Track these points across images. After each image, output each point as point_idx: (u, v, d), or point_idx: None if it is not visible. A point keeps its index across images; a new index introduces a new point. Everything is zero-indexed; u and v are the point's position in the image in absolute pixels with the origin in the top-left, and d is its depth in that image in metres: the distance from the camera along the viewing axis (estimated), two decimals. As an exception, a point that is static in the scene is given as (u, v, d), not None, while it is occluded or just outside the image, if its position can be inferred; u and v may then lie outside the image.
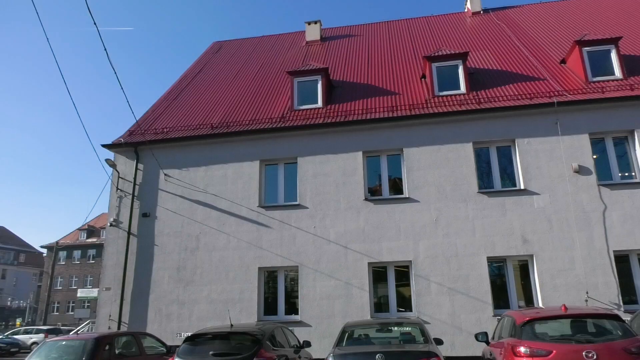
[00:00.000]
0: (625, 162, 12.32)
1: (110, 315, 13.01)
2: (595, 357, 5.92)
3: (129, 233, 13.55)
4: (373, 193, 13.17)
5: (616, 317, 6.70)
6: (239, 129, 14.24)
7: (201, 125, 14.94)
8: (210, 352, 7.12)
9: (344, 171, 13.15)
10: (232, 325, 8.08)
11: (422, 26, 21.20)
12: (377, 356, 6.61)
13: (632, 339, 6.19)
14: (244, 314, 12.45)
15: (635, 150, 12.18)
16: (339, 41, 20.94)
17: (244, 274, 12.79)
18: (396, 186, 13.15)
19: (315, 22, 21.89)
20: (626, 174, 12.22)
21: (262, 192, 13.56)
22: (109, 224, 13.87)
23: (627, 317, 9.60)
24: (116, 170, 14.14)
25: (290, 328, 10.50)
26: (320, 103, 14.71)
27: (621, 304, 11.03)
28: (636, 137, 12.13)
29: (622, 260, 11.52)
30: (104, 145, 14.48)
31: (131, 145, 14.29)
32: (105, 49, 8.12)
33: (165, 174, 13.98)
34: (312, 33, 21.73)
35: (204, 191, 13.67)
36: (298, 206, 13.10)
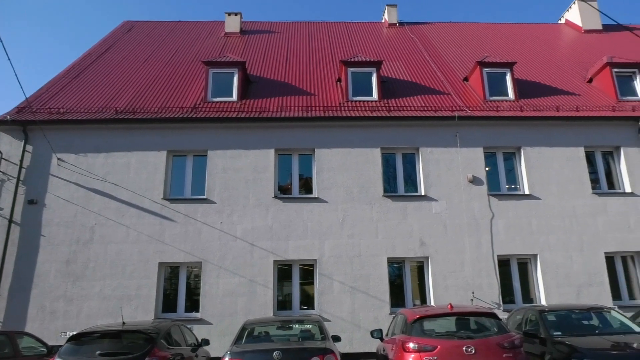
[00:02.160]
0: (512, 175, 13.62)
1: (-19, 313, 11.61)
2: (473, 351, 6.48)
3: (10, 221, 12.19)
4: (283, 191, 13.20)
5: (493, 315, 7.40)
6: (147, 116, 13.47)
7: (104, 108, 13.90)
8: (97, 352, 6.62)
9: (255, 167, 13.02)
10: (124, 322, 7.62)
11: (341, 31, 21.71)
12: (274, 353, 6.62)
13: (505, 335, 6.88)
14: (140, 311, 11.80)
15: (521, 165, 13.51)
16: (258, 36, 20.71)
17: (142, 269, 12.12)
18: (306, 185, 13.31)
19: (236, 14, 21.45)
20: (512, 186, 13.52)
21: (167, 184, 12.97)
22: (-14, 210, 12.37)
23: (505, 315, 10.66)
24: (-1, 150, 12.65)
25: (189, 326, 10.18)
26: (235, 97, 14.42)
27: (501, 303, 12.18)
28: (522, 153, 13.48)
29: (504, 264, 12.73)
30: (-15, 122, 12.88)
31: (19, 123, 12.86)
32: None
33: (58, 158, 12.79)
34: (232, 24, 21.27)
35: (102, 179, 12.73)
36: (205, 200, 12.72)
